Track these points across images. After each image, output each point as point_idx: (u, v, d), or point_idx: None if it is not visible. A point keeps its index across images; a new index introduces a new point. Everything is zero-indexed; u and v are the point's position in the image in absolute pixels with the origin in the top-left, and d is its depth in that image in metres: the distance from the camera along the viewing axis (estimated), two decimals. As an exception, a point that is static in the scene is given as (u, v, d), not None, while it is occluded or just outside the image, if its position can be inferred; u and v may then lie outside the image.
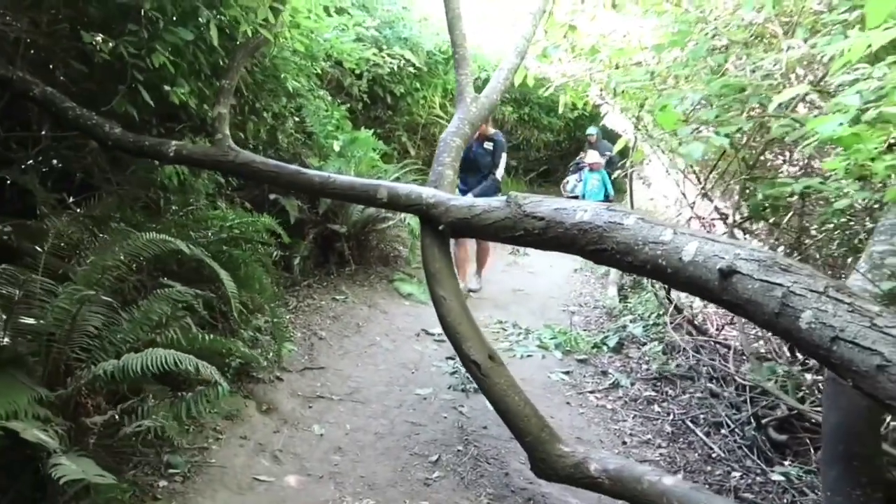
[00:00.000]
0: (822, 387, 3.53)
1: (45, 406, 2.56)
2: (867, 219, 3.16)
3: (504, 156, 6.19)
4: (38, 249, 3.08)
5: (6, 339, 2.44)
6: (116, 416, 2.66)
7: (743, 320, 4.21)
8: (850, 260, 3.39)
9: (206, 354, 3.38)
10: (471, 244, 6.47)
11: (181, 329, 3.23)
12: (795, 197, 3.41)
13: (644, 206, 7.94)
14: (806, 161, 4.02)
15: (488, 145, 6.03)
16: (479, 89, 4.29)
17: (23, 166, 3.86)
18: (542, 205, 3.04)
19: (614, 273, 7.20)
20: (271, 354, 4.36)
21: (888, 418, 2.91)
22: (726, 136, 3.22)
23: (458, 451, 3.75)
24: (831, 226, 3.43)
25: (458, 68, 4.06)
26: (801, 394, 3.82)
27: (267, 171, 3.56)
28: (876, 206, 2.95)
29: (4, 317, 2.42)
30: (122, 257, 2.98)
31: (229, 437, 3.59)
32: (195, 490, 3.12)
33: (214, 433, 3.58)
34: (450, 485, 3.44)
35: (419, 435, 3.91)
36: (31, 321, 2.54)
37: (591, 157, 9.80)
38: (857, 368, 1.95)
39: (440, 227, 3.42)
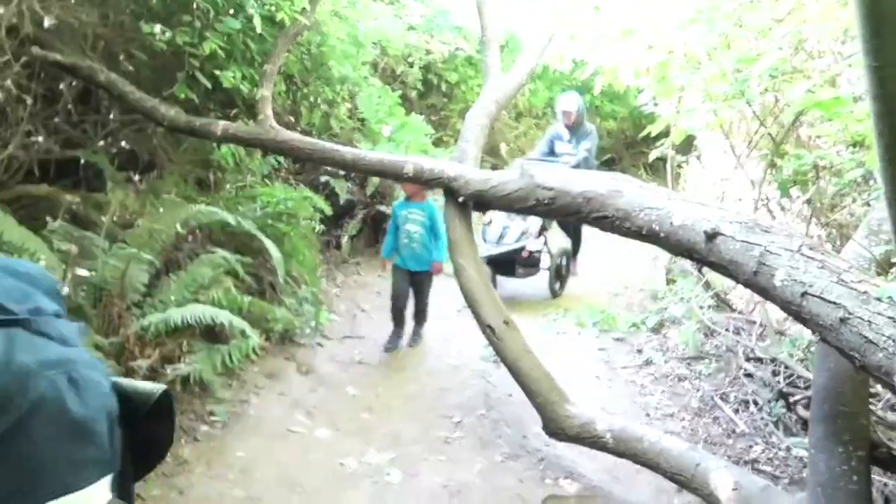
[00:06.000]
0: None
1: (100, 351, 2.92)
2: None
3: None
4: (102, 218, 3.48)
5: (66, 290, 2.80)
6: (158, 361, 2.99)
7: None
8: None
9: (252, 318, 3.72)
10: None
11: (223, 291, 3.55)
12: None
13: (702, 189, 7.83)
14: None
15: None
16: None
17: (93, 147, 4.29)
18: (553, 176, 3.19)
19: (663, 257, 7.15)
20: (314, 323, 4.67)
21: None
22: (747, 104, 3.28)
23: (481, 414, 3.94)
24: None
25: (486, 50, 4.22)
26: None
27: (304, 147, 3.86)
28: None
29: (64, 267, 2.79)
30: (170, 224, 3.31)
31: (268, 393, 3.91)
32: (232, 435, 3.45)
33: (256, 388, 3.91)
34: (468, 444, 3.64)
35: (446, 399, 4.12)
36: (86, 273, 2.91)
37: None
38: (822, 322, 2.03)
39: (460, 199, 3.61)
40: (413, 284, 4.79)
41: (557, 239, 6.56)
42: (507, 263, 5.81)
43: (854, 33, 2.64)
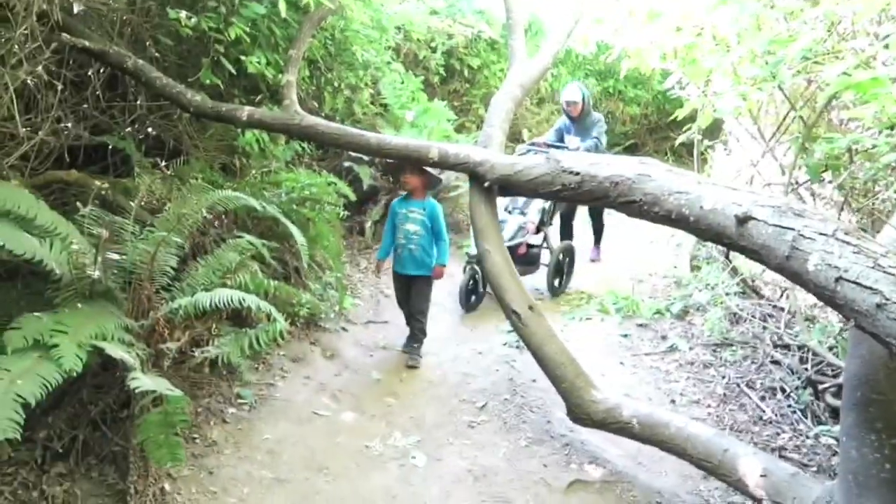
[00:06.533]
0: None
1: (130, 334, 2.96)
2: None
3: None
4: (131, 203, 3.51)
5: (97, 273, 2.84)
6: (187, 344, 3.03)
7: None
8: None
9: (278, 303, 3.75)
10: None
11: (250, 275, 3.58)
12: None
13: (729, 175, 7.71)
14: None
15: None
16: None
17: (121, 133, 4.33)
18: (579, 160, 3.16)
19: (688, 244, 7.08)
20: (338, 308, 4.70)
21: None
22: (778, 87, 3.22)
23: (505, 399, 3.95)
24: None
25: (511, 33, 4.19)
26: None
27: (329, 133, 3.86)
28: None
29: (94, 251, 2.82)
30: (197, 208, 3.33)
31: (294, 377, 3.95)
32: (260, 418, 3.49)
33: (281, 372, 3.95)
34: (492, 428, 3.65)
35: (470, 384, 4.13)
36: (116, 257, 2.95)
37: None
38: (858, 308, 2.00)
39: (486, 184, 3.60)
40: (410, 290, 4.40)
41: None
42: None
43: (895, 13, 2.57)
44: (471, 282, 5.30)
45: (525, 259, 5.42)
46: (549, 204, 5.59)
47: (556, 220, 6.29)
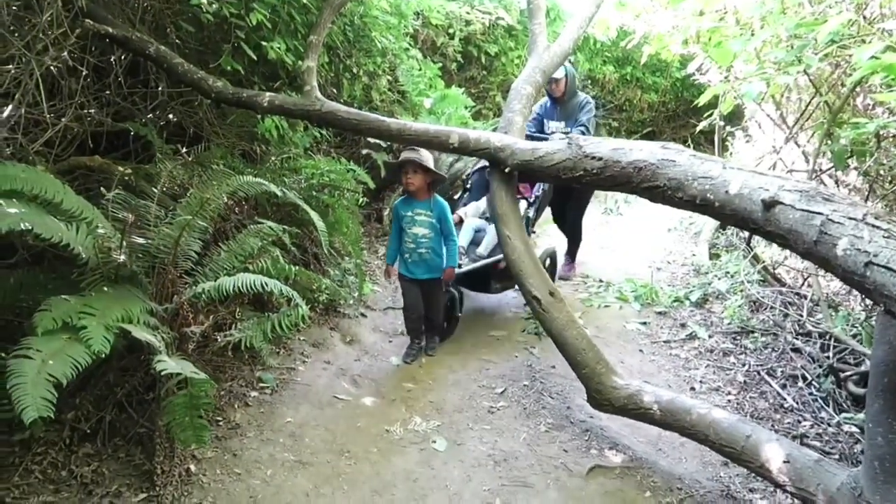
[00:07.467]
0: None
1: (155, 317, 2.99)
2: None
3: None
4: (153, 189, 3.54)
5: (122, 257, 2.87)
6: (210, 328, 3.06)
7: (820, 269, 4.08)
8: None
9: (298, 288, 3.77)
10: None
11: (272, 261, 3.60)
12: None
13: (750, 161, 7.65)
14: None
15: None
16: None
17: (143, 119, 4.35)
18: (601, 145, 3.14)
19: (706, 232, 7.04)
20: (357, 294, 4.72)
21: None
22: (804, 72, 3.17)
23: (525, 385, 3.95)
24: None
25: (532, 18, 4.15)
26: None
27: (350, 118, 3.85)
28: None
29: (120, 236, 2.85)
30: (219, 193, 3.36)
31: (314, 362, 3.98)
32: (281, 402, 3.53)
33: (302, 357, 3.98)
34: (512, 413, 3.66)
35: (489, 370, 4.14)
36: (141, 241, 2.98)
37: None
38: (888, 292, 1.98)
39: (506, 170, 3.59)
40: (423, 294, 4.19)
41: (543, 242, 5.85)
42: (480, 277, 4.71)
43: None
44: (452, 310, 4.67)
45: (505, 274, 4.56)
46: (534, 211, 5.14)
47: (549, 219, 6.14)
